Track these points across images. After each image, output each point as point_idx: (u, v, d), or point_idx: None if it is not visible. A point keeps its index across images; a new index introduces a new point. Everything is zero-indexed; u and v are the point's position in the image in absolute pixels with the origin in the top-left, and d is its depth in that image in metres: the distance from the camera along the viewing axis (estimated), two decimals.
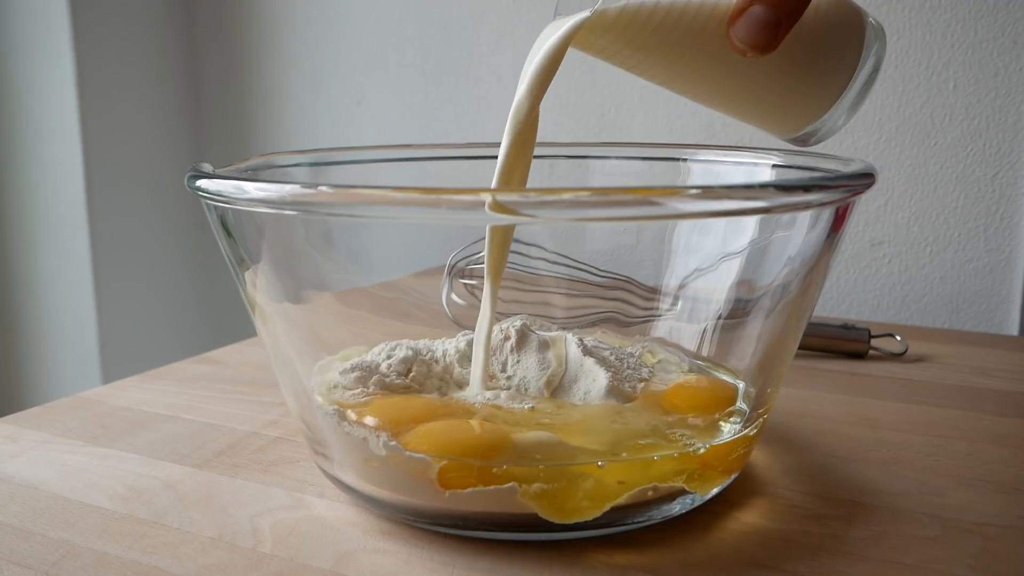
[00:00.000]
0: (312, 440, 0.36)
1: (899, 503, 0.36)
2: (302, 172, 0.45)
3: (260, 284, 0.35)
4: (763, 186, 0.28)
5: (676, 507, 0.33)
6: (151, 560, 0.31)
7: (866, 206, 0.77)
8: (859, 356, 0.58)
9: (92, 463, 0.40)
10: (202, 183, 0.31)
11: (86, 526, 0.34)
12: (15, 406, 0.74)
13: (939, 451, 0.41)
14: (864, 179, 0.31)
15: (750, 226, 0.35)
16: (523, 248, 0.45)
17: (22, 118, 1.00)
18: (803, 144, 0.38)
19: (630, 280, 0.46)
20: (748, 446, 0.36)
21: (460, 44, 0.95)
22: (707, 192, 0.27)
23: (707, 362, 0.42)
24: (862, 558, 0.31)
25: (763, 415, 0.37)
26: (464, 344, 0.41)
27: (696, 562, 0.31)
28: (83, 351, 1.03)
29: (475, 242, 0.48)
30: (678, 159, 0.47)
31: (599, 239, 0.47)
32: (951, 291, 0.75)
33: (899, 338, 0.59)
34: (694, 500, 0.33)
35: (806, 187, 0.29)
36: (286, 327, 0.36)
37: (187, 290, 1.14)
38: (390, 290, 0.45)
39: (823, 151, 0.39)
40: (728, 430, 0.35)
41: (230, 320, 1.15)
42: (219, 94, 1.12)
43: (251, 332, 0.49)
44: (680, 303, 0.43)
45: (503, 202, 0.26)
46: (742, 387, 0.39)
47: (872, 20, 0.36)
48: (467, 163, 0.48)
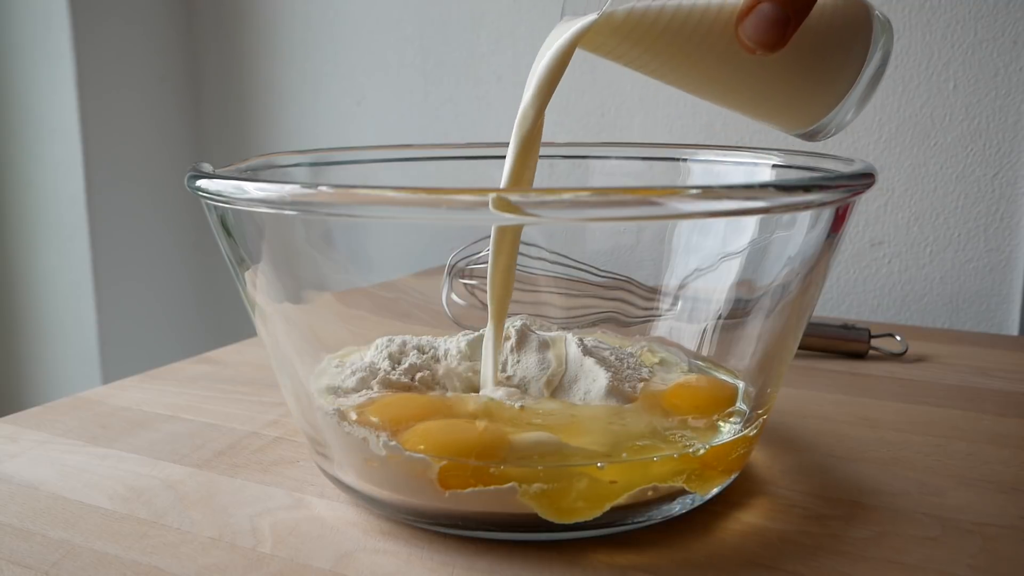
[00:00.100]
0: (312, 440, 0.36)
1: (899, 503, 0.35)
2: (302, 172, 0.45)
3: (260, 284, 0.35)
4: (763, 186, 0.28)
5: (676, 507, 0.33)
6: (151, 560, 0.31)
7: (866, 206, 0.77)
8: (859, 356, 0.58)
9: (92, 463, 0.40)
10: (202, 183, 0.31)
11: (86, 526, 0.34)
12: (15, 406, 0.74)
13: (939, 451, 0.41)
14: (864, 179, 0.31)
15: (750, 226, 0.35)
16: (523, 248, 0.45)
17: (22, 118, 1.00)
18: (812, 139, 0.38)
19: (630, 280, 0.46)
20: (748, 446, 0.36)
21: (460, 44, 0.95)
22: (707, 192, 0.27)
23: (707, 362, 0.42)
24: (862, 558, 0.31)
25: (763, 415, 0.37)
26: (465, 344, 0.41)
27: (696, 562, 0.31)
28: (83, 351, 1.03)
29: (475, 242, 0.48)
30: (678, 159, 0.47)
31: (599, 239, 0.47)
32: (951, 291, 0.75)
33: (899, 338, 0.59)
34: (694, 500, 0.33)
35: (806, 187, 0.29)
36: (286, 327, 0.36)
37: (187, 290, 1.14)
38: (390, 290, 0.45)
39: (823, 151, 0.39)
40: (728, 430, 0.35)
41: (230, 320, 1.15)
42: (219, 94, 1.12)
43: (251, 332, 0.49)
44: (680, 303, 0.43)
45: (503, 202, 0.26)
46: (742, 387, 0.39)
47: (879, 13, 0.35)
48: (467, 163, 0.48)
